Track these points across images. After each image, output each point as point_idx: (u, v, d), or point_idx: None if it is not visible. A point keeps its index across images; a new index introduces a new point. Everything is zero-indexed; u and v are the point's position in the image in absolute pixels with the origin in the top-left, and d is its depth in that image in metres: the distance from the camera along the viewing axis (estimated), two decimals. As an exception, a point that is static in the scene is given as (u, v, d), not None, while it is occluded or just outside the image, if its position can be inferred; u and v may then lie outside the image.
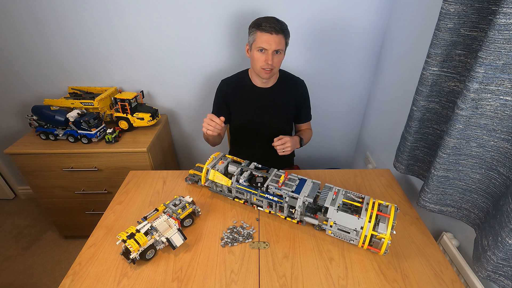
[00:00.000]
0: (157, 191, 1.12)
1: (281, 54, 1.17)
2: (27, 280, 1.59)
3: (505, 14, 0.62)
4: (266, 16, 1.15)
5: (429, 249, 0.89)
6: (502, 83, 0.70)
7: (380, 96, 1.61)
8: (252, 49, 1.17)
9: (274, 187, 0.94)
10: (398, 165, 1.13)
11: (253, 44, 1.15)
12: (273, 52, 1.13)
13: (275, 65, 1.16)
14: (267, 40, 1.11)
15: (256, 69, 1.19)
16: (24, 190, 2.15)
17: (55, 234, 1.86)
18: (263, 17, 1.14)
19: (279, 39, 1.12)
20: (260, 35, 1.11)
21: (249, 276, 0.80)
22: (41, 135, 1.47)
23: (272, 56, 1.13)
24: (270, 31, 1.10)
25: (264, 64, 1.15)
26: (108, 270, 0.83)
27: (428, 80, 0.90)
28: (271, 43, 1.11)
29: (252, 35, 1.15)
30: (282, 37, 1.13)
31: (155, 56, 1.58)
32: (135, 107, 1.53)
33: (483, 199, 0.85)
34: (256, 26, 1.12)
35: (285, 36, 1.15)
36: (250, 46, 1.18)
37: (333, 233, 0.90)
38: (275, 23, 1.11)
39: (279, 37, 1.11)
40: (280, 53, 1.16)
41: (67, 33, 1.49)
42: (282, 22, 1.14)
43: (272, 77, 1.26)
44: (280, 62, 1.19)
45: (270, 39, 1.11)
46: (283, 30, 1.13)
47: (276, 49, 1.13)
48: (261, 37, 1.11)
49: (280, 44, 1.13)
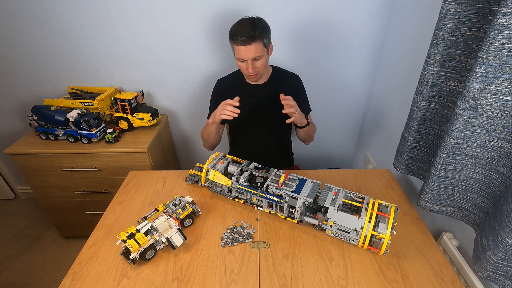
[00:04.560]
0: (157, 191, 1.12)
1: (262, 58, 1.17)
2: (27, 280, 1.59)
3: (505, 14, 0.62)
4: (240, 23, 1.13)
5: (429, 249, 0.89)
6: (502, 83, 0.70)
7: (380, 96, 1.60)
8: (235, 58, 1.19)
9: (274, 187, 0.94)
10: (398, 165, 1.13)
11: (234, 53, 1.18)
12: (252, 60, 1.14)
13: (257, 70, 1.18)
14: (243, 51, 1.12)
15: (244, 74, 1.25)
16: (24, 190, 2.15)
17: (55, 234, 1.86)
18: (236, 26, 1.13)
19: (255, 47, 1.11)
20: (237, 48, 1.13)
21: (249, 276, 0.80)
22: (41, 135, 1.47)
23: (251, 64, 1.15)
24: (244, 43, 1.10)
25: (246, 72, 1.19)
26: (108, 270, 0.83)
27: (428, 80, 0.90)
28: (248, 53, 1.12)
29: (231, 45, 1.17)
30: (258, 43, 1.11)
31: (155, 56, 1.58)
32: (135, 107, 1.53)
33: (483, 199, 0.85)
34: (232, 38, 1.13)
35: (262, 39, 1.12)
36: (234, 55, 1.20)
37: (333, 233, 0.90)
38: (247, 31, 1.09)
39: (254, 46, 1.11)
40: (260, 58, 1.16)
41: (68, 33, 1.49)
42: (255, 26, 1.10)
43: (260, 78, 1.29)
44: (264, 64, 1.19)
45: (245, 50, 1.11)
46: (257, 36, 1.10)
47: (254, 57, 1.13)
48: (237, 49, 1.13)
49: (257, 51, 1.12)
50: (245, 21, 1.12)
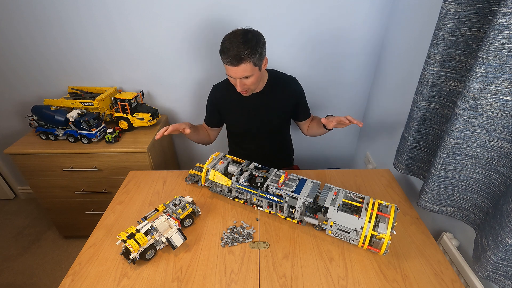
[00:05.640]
0: (157, 191, 1.12)
1: (252, 77, 1.11)
2: (27, 280, 1.59)
3: (505, 14, 0.62)
4: (229, 38, 1.05)
5: (429, 249, 0.89)
6: (502, 83, 0.70)
7: (380, 96, 1.60)
8: None
9: (274, 187, 0.94)
10: (398, 165, 1.13)
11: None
12: (241, 78, 1.10)
13: (247, 87, 1.14)
14: (232, 71, 1.07)
15: None
16: (24, 190, 2.15)
17: (55, 234, 1.86)
18: (226, 42, 1.06)
19: (243, 68, 1.05)
20: (225, 65, 1.08)
21: (249, 276, 0.80)
22: (41, 135, 1.47)
23: (240, 82, 1.10)
24: (231, 64, 1.05)
25: (237, 88, 1.13)
26: (108, 270, 0.83)
27: (428, 80, 0.90)
28: (235, 74, 1.08)
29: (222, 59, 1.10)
30: (247, 63, 1.05)
31: (155, 56, 1.58)
32: (135, 107, 1.53)
33: (483, 199, 0.85)
34: (221, 53, 1.07)
35: (251, 58, 1.05)
36: None
37: (333, 233, 0.90)
38: (235, 52, 1.02)
39: (242, 67, 1.05)
40: (249, 77, 1.10)
41: (68, 33, 1.49)
42: (245, 45, 1.03)
43: (252, 92, 1.22)
44: (254, 81, 1.13)
45: (233, 70, 1.07)
46: (245, 57, 1.03)
47: (242, 76, 1.08)
48: (226, 67, 1.08)
49: (245, 71, 1.07)
50: (235, 37, 1.04)
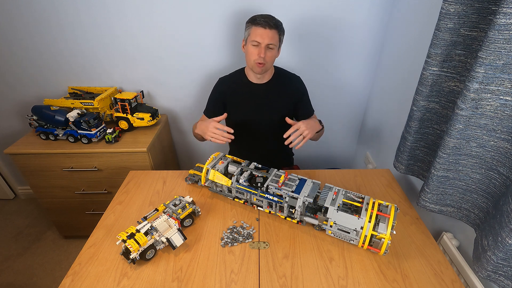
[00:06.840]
0: (157, 191, 1.12)
1: (274, 50, 1.19)
2: (27, 280, 1.59)
3: (505, 14, 0.62)
4: (263, 14, 1.18)
5: (429, 249, 0.89)
6: (502, 83, 0.70)
7: (380, 96, 1.60)
8: (247, 44, 1.20)
9: (274, 187, 0.94)
10: (398, 165, 1.13)
11: (248, 38, 1.19)
12: (266, 46, 1.16)
13: (267, 59, 1.19)
14: (261, 34, 1.14)
15: (250, 63, 1.23)
16: (24, 190, 2.15)
17: (55, 234, 1.86)
18: (258, 15, 1.18)
19: (273, 34, 1.15)
20: (255, 29, 1.15)
21: (249, 276, 0.80)
22: (41, 135, 1.47)
23: (265, 50, 1.16)
24: (264, 25, 1.13)
25: (257, 57, 1.17)
26: (108, 270, 0.83)
27: (428, 80, 0.90)
28: (264, 37, 1.14)
29: (248, 30, 1.19)
30: (276, 32, 1.15)
31: (155, 56, 1.58)
32: (135, 107, 1.53)
33: (483, 199, 0.85)
34: (252, 21, 1.17)
35: (279, 32, 1.17)
36: (246, 41, 1.22)
37: (333, 233, 0.90)
38: (270, 18, 1.15)
39: (272, 32, 1.14)
40: (273, 49, 1.18)
41: (67, 33, 1.49)
42: (277, 19, 1.17)
43: (265, 72, 1.27)
44: (273, 58, 1.21)
45: (263, 33, 1.14)
46: (277, 26, 1.16)
47: (269, 43, 1.15)
48: (255, 31, 1.15)
49: (273, 39, 1.15)
50: (267, 14, 1.18)
